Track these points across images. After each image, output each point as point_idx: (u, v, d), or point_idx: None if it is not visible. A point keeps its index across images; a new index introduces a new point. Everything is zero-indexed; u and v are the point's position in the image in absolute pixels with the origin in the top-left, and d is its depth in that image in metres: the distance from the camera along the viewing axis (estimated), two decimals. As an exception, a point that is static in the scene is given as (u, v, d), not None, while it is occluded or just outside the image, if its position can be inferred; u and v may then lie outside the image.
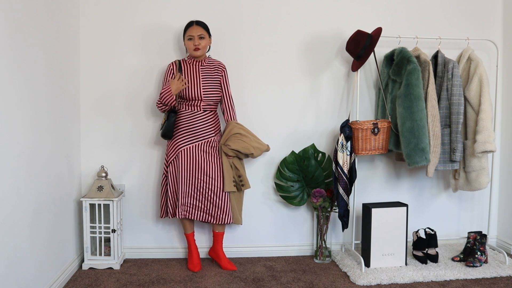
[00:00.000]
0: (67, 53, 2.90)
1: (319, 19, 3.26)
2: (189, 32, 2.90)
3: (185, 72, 2.95)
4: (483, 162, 3.08)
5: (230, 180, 2.94)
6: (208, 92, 2.94)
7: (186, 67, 2.97)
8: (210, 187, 2.92)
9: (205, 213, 2.94)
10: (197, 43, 2.89)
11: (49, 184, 2.58)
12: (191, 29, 2.90)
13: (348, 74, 3.32)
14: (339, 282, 2.82)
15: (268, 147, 3.06)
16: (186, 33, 2.92)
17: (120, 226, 3.08)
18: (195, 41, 2.89)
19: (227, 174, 2.94)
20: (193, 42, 2.89)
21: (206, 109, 2.96)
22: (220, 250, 3.05)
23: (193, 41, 2.89)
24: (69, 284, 2.77)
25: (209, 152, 2.95)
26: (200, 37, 2.90)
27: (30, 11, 2.34)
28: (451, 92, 3.06)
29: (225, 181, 2.93)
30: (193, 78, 2.94)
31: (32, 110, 2.36)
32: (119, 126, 3.20)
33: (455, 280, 2.84)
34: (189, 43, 2.90)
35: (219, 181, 2.93)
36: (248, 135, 2.97)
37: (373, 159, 3.38)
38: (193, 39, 2.89)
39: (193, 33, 2.89)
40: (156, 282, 2.80)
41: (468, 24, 3.38)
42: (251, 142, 2.95)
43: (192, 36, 2.89)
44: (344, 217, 3.04)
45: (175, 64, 2.97)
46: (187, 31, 2.91)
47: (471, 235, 3.11)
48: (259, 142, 3.02)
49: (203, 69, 2.97)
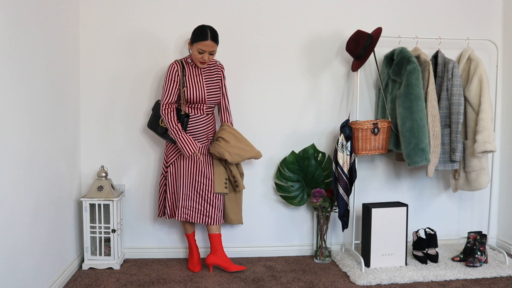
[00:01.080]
0: (67, 52, 2.89)
1: (319, 19, 3.26)
2: (201, 46, 2.74)
3: (188, 75, 2.88)
4: (483, 162, 3.08)
5: (220, 181, 2.92)
6: (211, 95, 2.92)
7: (188, 68, 2.90)
8: (208, 188, 2.91)
9: (203, 215, 2.92)
10: (206, 59, 2.80)
11: (49, 184, 2.58)
12: (205, 43, 2.74)
13: (348, 74, 3.32)
14: (339, 282, 2.82)
15: (257, 154, 2.97)
16: (198, 44, 2.75)
17: (120, 226, 3.08)
18: (204, 56, 2.78)
19: (218, 175, 2.92)
20: (202, 56, 2.78)
21: (208, 112, 2.95)
22: (223, 252, 2.98)
23: (202, 55, 2.78)
24: (69, 284, 2.77)
25: (208, 154, 2.95)
26: (210, 53, 2.79)
27: (29, 9, 2.34)
28: (451, 92, 3.06)
29: (215, 182, 2.91)
30: (197, 81, 2.89)
31: (31, 110, 2.36)
32: (120, 126, 3.19)
33: (455, 280, 2.84)
34: (198, 55, 2.77)
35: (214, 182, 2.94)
36: (230, 141, 2.87)
37: (373, 159, 3.38)
38: (203, 54, 2.78)
39: (205, 48, 2.75)
40: (156, 282, 2.80)
41: (468, 24, 3.38)
42: (230, 147, 2.86)
43: (203, 50, 2.76)
44: (344, 217, 3.05)
45: (178, 65, 2.86)
46: (200, 44, 2.74)
47: (471, 235, 3.11)
48: (244, 149, 2.91)
49: (205, 72, 2.93)
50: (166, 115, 2.84)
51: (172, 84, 2.85)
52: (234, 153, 2.87)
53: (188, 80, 2.87)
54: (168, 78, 2.85)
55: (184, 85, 2.86)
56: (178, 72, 2.85)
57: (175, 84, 2.85)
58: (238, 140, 2.92)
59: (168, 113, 2.84)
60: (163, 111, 2.85)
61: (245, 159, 2.94)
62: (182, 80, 2.86)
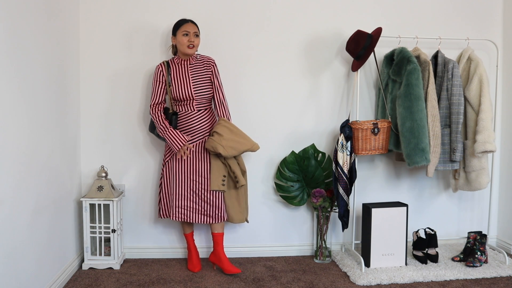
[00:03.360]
0: (67, 52, 2.89)
1: (319, 19, 3.26)
2: (184, 28, 2.84)
3: (174, 73, 2.91)
4: (483, 162, 3.08)
5: (216, 178, 2.88)
6: (199, 90, 2.90)
7: (174, 67, 2.92)
8: (205, 187, 2.89)
9: (202, 214, 2.91)
10: (193, 40, 2.86)
11: (49, 184, 2.58)
12: (187, 25, 2.85)
13: (348, 74, 3.32)
14: (339, 282, 2.82)
15: (253, 146, 2.89)
16: (181, 28, 2.85)
17: (120, 226, 3.08)
18: (190, 37, 2.85)
19: (215, 172, 2.88)
20: (188, 38, 2.84)
21: (200, 108, 2.93)
22: (222, 252, 2.96)
23: (188, 37, 2.85)
24: (69, 284, 2.77)
25: (204, 152, 2.92)
26: (195, 34, 2.87)
27: (29, 9, 2.34)
28: (451, 92, 3.06)
29: (211, 180, 2.88)
30: (183, 78, 2.90)
31: (31, 110, 2.36)
32: (120, 126, 3.20)
33: (455, 280, 2.84)
34: (184, 38, 2.84)
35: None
36: (224, 134, 2.83)
37: (373, 159, 3.38)
38: (189, 35, 2.85)
39: (189, 29, 2.85)
40: (156, 282, 2.80)
41: (468, 24, 3.38)
42: (223, 141, 2.81)
43: (187, 32, 2.85)
44: (344, 217, 3.05)
45: (163, 66, 2.92)
46: (182, 27, 2.85)
47: (471, 235, 3.11)
48: (239, 141, 2.85)
49: (192, 68, 2.93)
50: (153, 115, 2.92)
51: (158, 84, 2.92)
52: (228, 146, 2.81)
53: (174, 78, 2.91)
54: (154, 80, 2.94)
55: (170, 84, 2.90)
56: (163, 72, 2.92)
57: (160, 85, 2.92)
58: (233, 133, 2.86)
59: (155, 113, 2.92)
60: (150, 112, 2.94)
61: (241, 152, 2.87)
62: (168, 79, 2.91)
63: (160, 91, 2.92)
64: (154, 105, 2.93)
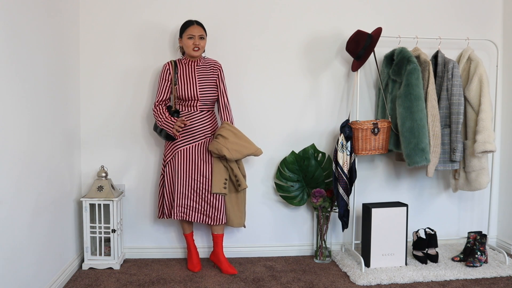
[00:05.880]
0: (67, 52, 2.90)
1: (319, 19, 3.26)
2: (189, 31, 2.88)
3: (181, 72, 2.94)
4: (483, 162, 3.08)
5: (218, 182, 2.89)
6: (204, 92, 2.93)
7: (181, 67, 2.96)
8: (206, 187, 2.91)
9: (203, 214, 2.93)
10: (198, 43, 2.89)
11: (49, 184, 2.58)
12: (192, 28, 2.88)
13: (348, 74, 3.32)
14: (339, 282, 2.82)
15: (257, 151, 2.92)
16: (186, 31, 2.89)
17: (120, 226, 3.08)
18: (195, 41, 2.88)
19: (217, 175, 2.90)
20: (193, 41, 2.88)
21: (203, 109, 2.95)
22: (221, 253, 2.99)
23: (193, 40, 2.88)
24: (69, 284, 2.77)
25: (206, 152, 2.94)
26: (200, 37, 2.90)
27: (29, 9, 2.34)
28: (451, 92, 3.06)
29: (213, 182, 2.90)
30: (189, 78, 2.93)
31: (31, 110, 2.36)
32: (119, 126, 3.20)
33: (455, 280, 2.84)
34: (189, 41, 2.89)
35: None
36: (229, 137, 2.85)
37: (373, 159, 3.38)
38: (194, 38, 2.88)
39: (194, 32, 2.88)
40: (156, 282, 2.80)
41: (468, 24, 3.38)
42: (228, 144, 2.83)
43: (192, 35, 2.88)
44: (344, 217, 3.04)
45: (170, 64, 2.95)
46: (187, 30, 2.89)
47: (471, 235, 3.11)
48: (243, 145, 2.88)
49: (198, 69, 2.96)
50: (156, 112, 2.95)
51: (164, 82, 2.95)
52: (233, 149, 2.84)
53: (180, 77, 2.93)
54: (160, 77, 2.97)
55: (176, 83, 2.92)
56: (170, 71, 2.95)
57: (166, 83, 2.95)
58: (237, 137, 2.89)
59: (158, 110, 2.95)
60: (153, 109, 2.97)
61: (245, 155, 2.90)
62: (174, 78, 2.93)
63: (166, 88, 2.95)
64: (159, 102, 2.95)
